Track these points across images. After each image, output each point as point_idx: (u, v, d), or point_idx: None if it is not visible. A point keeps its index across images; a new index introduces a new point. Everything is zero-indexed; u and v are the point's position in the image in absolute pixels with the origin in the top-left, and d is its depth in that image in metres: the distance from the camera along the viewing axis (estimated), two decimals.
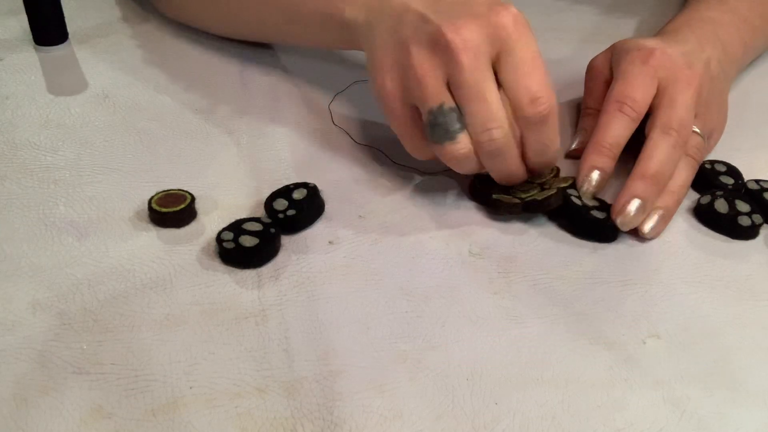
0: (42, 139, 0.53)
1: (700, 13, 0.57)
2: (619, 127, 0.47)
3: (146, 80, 0.60)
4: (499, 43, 0.43)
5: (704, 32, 0.54)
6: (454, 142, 0.44)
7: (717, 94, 0.52)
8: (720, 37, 0.54)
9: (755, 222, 0.47)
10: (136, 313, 0.40)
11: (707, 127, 0.50)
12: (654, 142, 0.47)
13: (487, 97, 0.43)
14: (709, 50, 0.52)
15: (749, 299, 0.43)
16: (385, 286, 0.42)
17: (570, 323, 0.41)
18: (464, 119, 0.44)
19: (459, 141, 0.44)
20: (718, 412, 0.36)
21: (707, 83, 0.50)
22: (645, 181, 0.45)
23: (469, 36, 0.42)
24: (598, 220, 0.45)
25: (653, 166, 0.46)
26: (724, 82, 0.53)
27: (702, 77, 0.49)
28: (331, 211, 0.47)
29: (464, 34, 0.42)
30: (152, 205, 0.46)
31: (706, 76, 0.50)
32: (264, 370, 0.37)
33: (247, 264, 0.43)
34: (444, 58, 0.43)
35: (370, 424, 0.35)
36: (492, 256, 0.45)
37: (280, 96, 0.58)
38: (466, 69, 0.42)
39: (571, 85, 0.58)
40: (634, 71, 0.49)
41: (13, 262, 0.43)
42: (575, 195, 0.46)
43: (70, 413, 0.35)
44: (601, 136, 0.47)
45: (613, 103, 0.48)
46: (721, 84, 0.52)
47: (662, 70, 0.49)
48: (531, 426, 0.35)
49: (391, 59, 0.45)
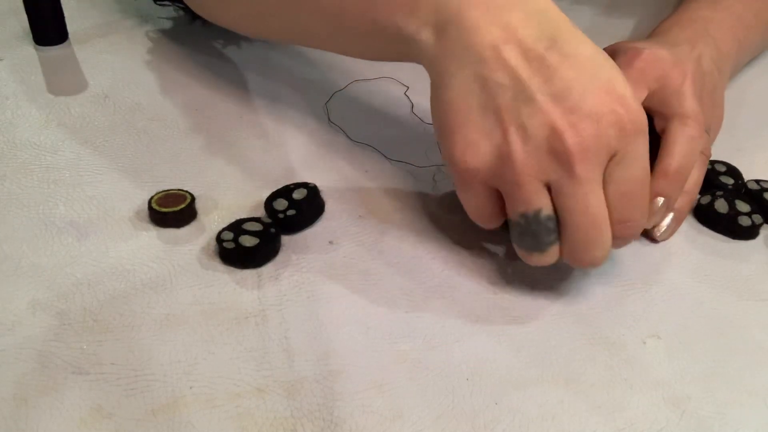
0: (42, 139, 0.53)
1: (690, 13, 0.57)
2: None
3: (146, 80, 0.60)
4: (615, 151, 0.37)
5: (695, 30, 0.54)
6: (543, 254, 0.39)
7: (711, 90, 0.51)
8: (711, 34, 0.54)
9: (755, 222, 0.47)
10: (136, 313, 0.40)
11: (705, 124, 0.50)
12: (673, 135, 0.45)
13: (597, 215, 0.37)
14: (700, 47, 0.52)
15: (749, 299, 0.43)
16: (385, 286, 0.42)
17: (570, 323, 0.41)
18: (561, 228, 0.38)
19: (549, 254, 0.39)
20: (718, 412, 0.36)
21: (699, 79, 0.49)
22: (667, 179, 0.43)
23: (590, 145, 0.36)
24: None
25: (675, 161, 0.44)
26: (717, 78, 0.53)
27: (693, 73, 0.49)
28: (331, 211, 0.47)
29: (586, 141, 0.35)
30: (152, 205, 0.46)
31: (697, 72, 0.49)
32: (264, 370, 0.37)
33: (247, 264, 0.43)
34: (556, 163, 0.36)
35: (370, 424, 0.35)
36: (492, 256, 0.45)
37: (281, 96, 0.58)
38: (581, 181, 0.36)
39: None
40: None
41: (13, 262, 0.43)
42: None
43: (70, 413, 0.35)
44: None
45: None
46: (714, 80, 0.52)
47: (651, 69, 0.48)
48: (531, 426, 0.35)
49: (478, 125, 0.37)
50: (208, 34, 0.65)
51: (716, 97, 0.52)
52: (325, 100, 0.58)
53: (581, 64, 0.37)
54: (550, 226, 0.38)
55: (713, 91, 0.52)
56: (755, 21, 0.59)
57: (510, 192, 0.38)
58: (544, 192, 0.37)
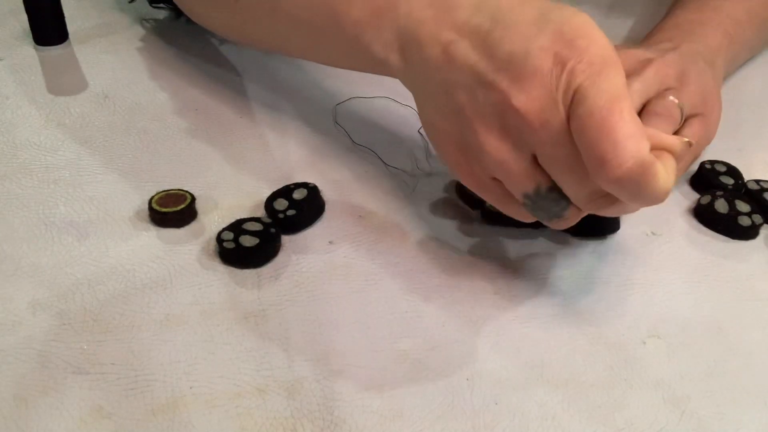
0: (42, 139, 0.53)
1: (675, 18, 0.57)
2: None
3: (146, 80, 0.60)
4: (574, 85, 0.34)
5: (679, 32, 0.54)
6: (563, 219, 0.38)
7: (697, 74, 0.50)
8: (697, 33, 0.54)
9: (755, 222, 0.47)
10: (136, 313, 0.40)
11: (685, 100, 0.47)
12: None
13: (577, 163, 0.35)
14: (683, 45, 0.52)
15: (749, 299, 0.43)
16: (385, 286, 0.42)
17: (570, 323, 0.41)
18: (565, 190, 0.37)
19: (568, 217, 0.38)
20: (718, 412, 0.36)
21: (676, 63, 0.49)
22: None
23: (539, 98, 0.34)
24: None
25: None
26: (704, 67, 0.52)
27: (668, 60, 0.48)
28: (331, 211, 0.47)
29: (533, 95, 0.35)
30: (152, 205, 0.46)
31: (673, 58, 0.49)
32: (264, 370, 0.37)
33: (247, 264, 0.43)
34: (520, 133, 0.36)
35: (370, 424, 0.35)
36: (492, 256, 0.45)
37: (281, 96, 0.58)
38: (550, 143, 0.35)
39: None
40: None
41: (13, 262, 0.43)
42: None
43: (70, 413, 0.35)
44: None
45: None
46: (699, 68, 0.51)
47: None
48: (531, 426, 0.35)
49: (451, 129, 0.38)
50: (209, 35, 0.65)
51: (705, 82, 0.50)
52: (325, 100, 0.58)
53: (523, 30, 0.36)
54: (555, 196, 0.37)
55: (700, 75, 0.50)
56: (747, 17, 0.59)
57: (504, 179, 0.38)
58: (534, 167, 0.37)
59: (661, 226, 0.48)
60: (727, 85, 0.59)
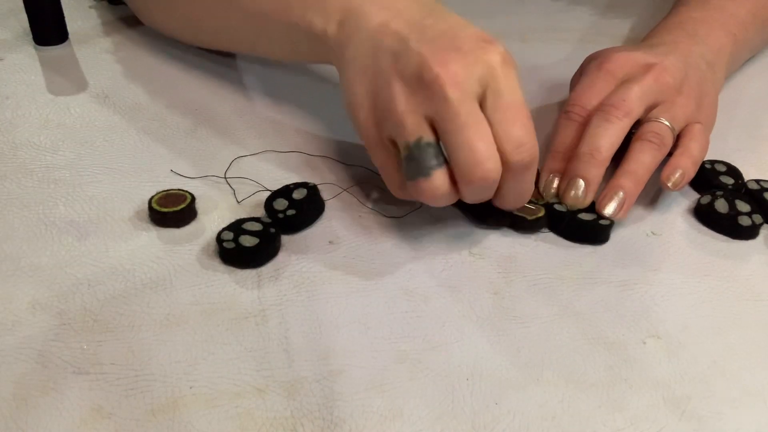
0: (42, 139, 0.53)
1: (679, 16, 0.57)
2: (565, 131, 0.49)
3: (146, 80, 0.60)
4: (486, 82, 0.41)
5: (682, 31, 0.54)
6: (428, 179, 0.41)
7: (697, 83, 0.51)
8: (700, 33, 0.54)
9: (755, 222, 0.47)
10: (136, 313, 0.40)
11: (680, 115, 0.49)
12: (590, 123, 0.48)
13: (480, 130, 0.40)
14: (686, 46, 0.52)
15: (749, 299, 0.43)
16: (385, 286, 0.42)
17: (570, 323, 0.41)
18: (449, 154, 0.41)
19: (433, 178, 0.41)
20: (718, 412, 0.36)
21: (677, 69, 0.50)
22: (579, 159, 0.46)
23: (457, 71, 0.40)
24: (587, 222, 0.45)
25: (585, 143, 0.47)
26: (705, 71, 0.52)
27: (669, 66, 0.50)
28: (331, 211, 0.47)
29: (452, 68, 0.40)
30: (152, 205, 0.46)
31: (675, 62, 0.50)
32: (264, 370, 0.37)
33: (247, 264, 0.43)
34: (429, 92, 0.40)
35: (370, 424, 0.35)
36: (492, 256, 0.45)
37: (281, 95, 0.58)
38: (455, 103, 0.39)
39: (568, 86, 0.58)
40: (589, 78, 0.51)
41: (13, 262, 0.43)
42: (556, 203, 0.47)
43: (70, 413, 0.35)
44: (552, 144, 0.49)
45: (562, 113, 0.50)
46: (700, 73, 0.52)
47: (619, 71, 0.50)
48: (531, 426, 0.35)
49: (369, 89, 0.43)
50: None
51: (704, 89, 0.51)
52: (325, 100, 0.58)
53: (452, 23, 0.43)
54: (431, 151, 0.41)
55: (700, 83, 0.51)
56: (751, 18, 0.59)
57: (396, 131, 0.42)
58: (425, 124, 0.41)
59: (661, 226, 0.48)
60: (728, 85, 0.60)
